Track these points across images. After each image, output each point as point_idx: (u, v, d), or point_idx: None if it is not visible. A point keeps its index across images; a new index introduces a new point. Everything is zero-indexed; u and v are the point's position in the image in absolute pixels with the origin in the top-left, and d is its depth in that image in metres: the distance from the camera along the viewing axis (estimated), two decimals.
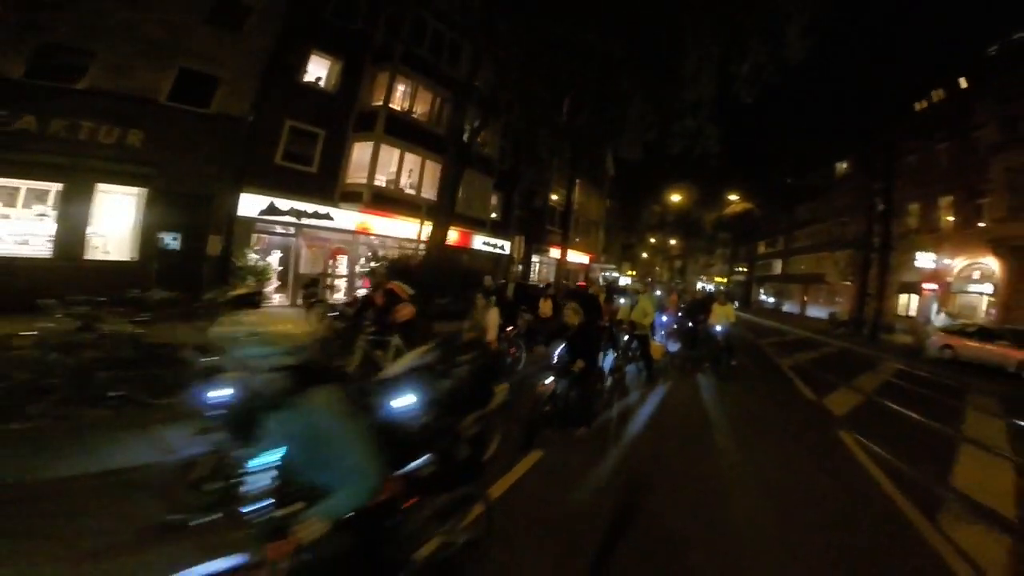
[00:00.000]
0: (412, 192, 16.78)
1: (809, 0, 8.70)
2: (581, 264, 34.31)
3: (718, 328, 9.71)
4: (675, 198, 37.47)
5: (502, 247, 23.50)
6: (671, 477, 4.71)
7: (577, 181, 27.14)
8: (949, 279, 22.64)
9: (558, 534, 3.45)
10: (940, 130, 23.86)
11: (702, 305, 12.01)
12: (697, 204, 39.91)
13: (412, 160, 16.82)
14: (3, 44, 10.25)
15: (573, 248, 29.30)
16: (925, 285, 23.71)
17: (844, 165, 32.53)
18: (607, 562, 3.19)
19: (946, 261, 22.71)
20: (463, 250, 20.28)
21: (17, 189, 10.48)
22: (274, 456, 1.88)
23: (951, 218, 23.59)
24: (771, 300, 45.28)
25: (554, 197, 28.49)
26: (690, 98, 9.91)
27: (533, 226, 26.57)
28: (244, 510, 1.82)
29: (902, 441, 6.36)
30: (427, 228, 13.54)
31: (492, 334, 6.07)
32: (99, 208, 11.40)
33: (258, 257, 12.93)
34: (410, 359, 3.39)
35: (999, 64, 21.45)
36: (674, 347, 10.58)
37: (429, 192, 17.23)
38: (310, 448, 1.79)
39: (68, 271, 10.51)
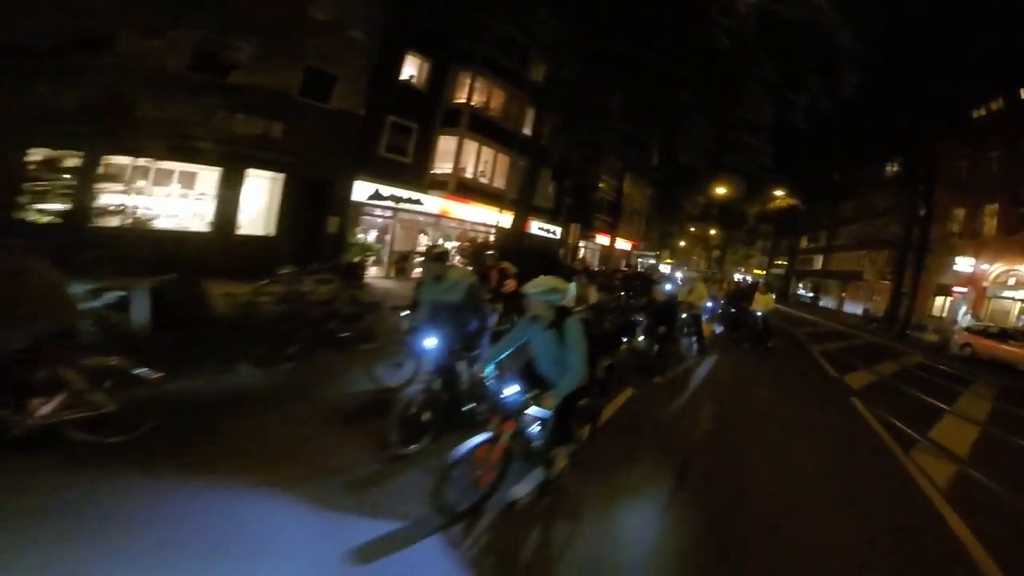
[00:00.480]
0: (486, 181, 18.94)
1: (863, 40, 10.21)
2: (623, 251, 36.01)
3: (759, 313, 11.61)
4: (720, 190, 38.52)
5: (554, 232, 25.52)
6: (724, 411, 6.82)
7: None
8: (985, 284, 23.53)
9: (653, 439, 5.57)
10: (994, 138, 24.37)
11: (745, 294, 13.89)
12: (741, 197, 40.77)
13: (488, 153, 18.93)
14: (170, 40, 12.57)
15: (618, 235, 31.06)
16: (956, 288, 24.64)
17: (891, 166, 32.93)
18: (690, 452, 5.33)
19: (984, 266, 23.57)
20: (523, 235, 22.41)
21: (190, 173, 13.07)
22: (492, 368, 3.48)
23: (994, 224, 24.30)
24: (809, 294, 45.96)
25: (600, 185, 30.15)
26: (749, 119, 11.54)
27: (583, 214, 28.45)
28: (500, 397, 3.35)
29: (900, 408, 8.26)
30: (506, 217, 15.71)
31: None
32: (244, 190, 13.93)
33: (364, 236, 15.36)
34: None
35: None
36: (719, 329, 12.54)
37: (499, 182, 19.33)
38: (556, 353, 3.71)
39: (222, 245, 13.08)
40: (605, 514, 3.64)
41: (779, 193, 38.09)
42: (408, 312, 4.88)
